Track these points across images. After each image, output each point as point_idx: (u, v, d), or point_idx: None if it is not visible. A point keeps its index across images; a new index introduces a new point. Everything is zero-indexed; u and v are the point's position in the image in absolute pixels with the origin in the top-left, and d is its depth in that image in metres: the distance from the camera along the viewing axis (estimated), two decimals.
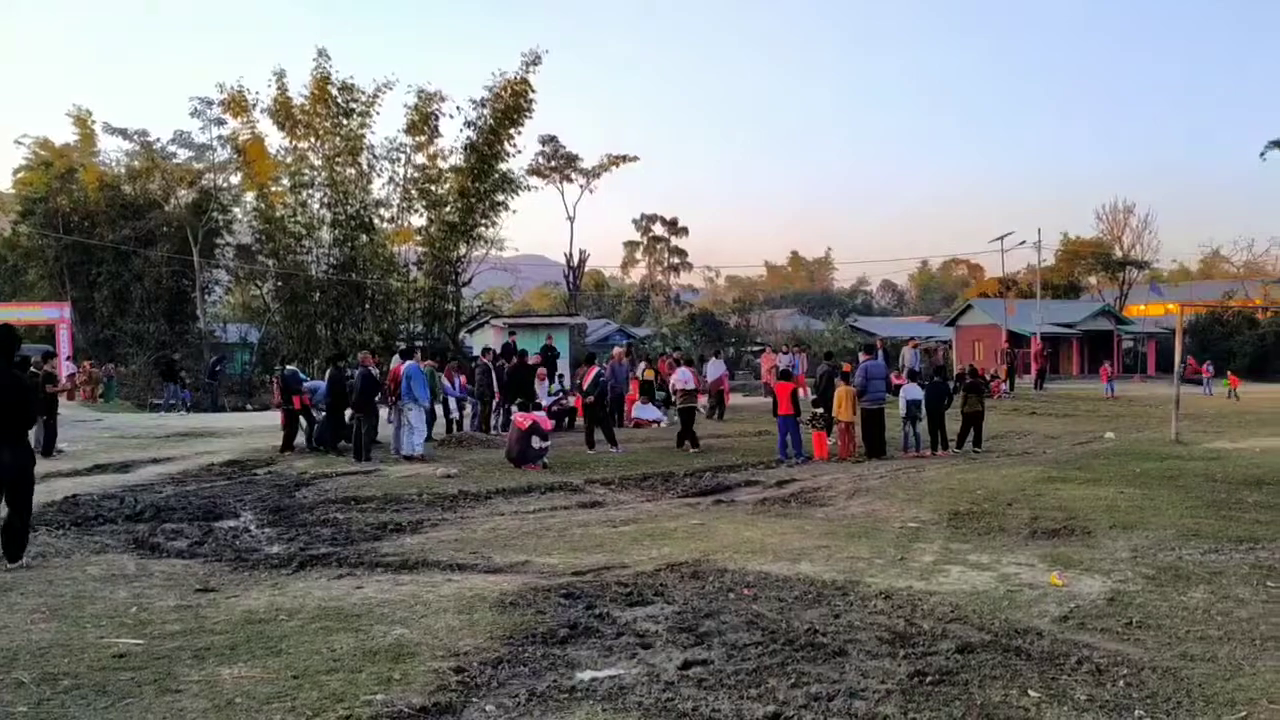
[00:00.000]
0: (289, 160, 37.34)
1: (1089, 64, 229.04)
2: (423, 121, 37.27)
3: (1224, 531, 9.69)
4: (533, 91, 37.49)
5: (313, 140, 36.84)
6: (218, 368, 34.61)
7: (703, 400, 23.05)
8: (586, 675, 5.43)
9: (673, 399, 20.21)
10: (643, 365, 25.11)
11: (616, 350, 25.64)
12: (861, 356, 18.52)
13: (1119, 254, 69.25)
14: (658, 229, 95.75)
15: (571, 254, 56.07)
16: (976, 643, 5.94)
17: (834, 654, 5.74)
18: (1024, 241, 71.62)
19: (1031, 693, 5.10)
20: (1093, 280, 72.32)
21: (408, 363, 16.89)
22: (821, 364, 20.29)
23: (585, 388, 17.50)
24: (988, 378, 35.58)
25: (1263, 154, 51.16)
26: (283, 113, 36.11)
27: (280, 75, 35.86)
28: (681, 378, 19.24)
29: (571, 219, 59.28)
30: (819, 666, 5.53)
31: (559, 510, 11.50)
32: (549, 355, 24.19)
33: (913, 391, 17.44)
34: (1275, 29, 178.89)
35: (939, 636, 6.09)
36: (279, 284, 38.30)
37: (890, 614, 6.65)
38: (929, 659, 5.63)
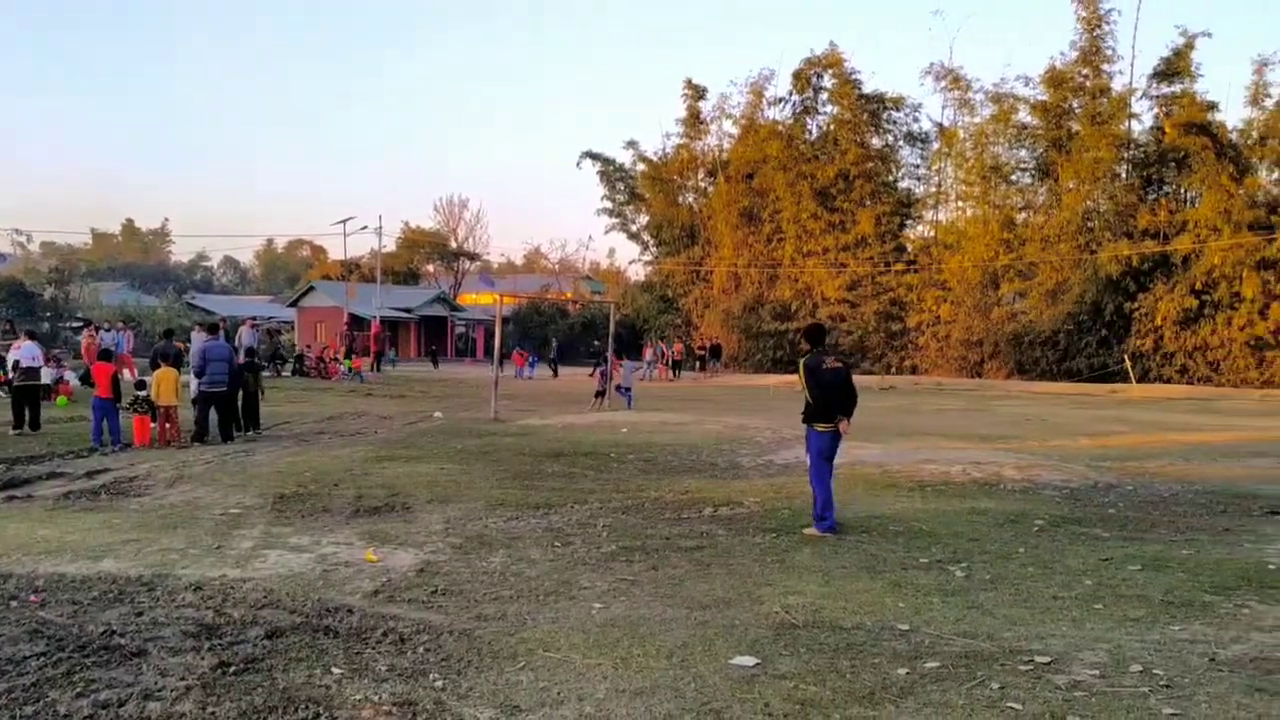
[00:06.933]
0: None
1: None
2: None
3: (525, 500, 10.82)
4: None
5: None
6: None
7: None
8: None
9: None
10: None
11: None
12: (201, 336, 17.53)
13: (454, 245, 74.29)
14: None
15: None
16: (286, 626, 5.94)
17: (132, 655, 5.36)
18: (366, 226, 73.62)
19: (335, 670, 5.22)
20: (430, 268, 76.61)
21: None
22: (159, 341, 18.87)
23: None
24: (328, 360, 36.07)
25: (579, 163, 58.50)
26: None
27: None
28: (28, 354, 16.59)
29: None
30: (113, 671, 5.12)
31: None
32: None
33: None
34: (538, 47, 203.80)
35: (249, 624, 5.98)
36: None
37: (199, 606, 6.38)
38: (236, 648, 5.50)
